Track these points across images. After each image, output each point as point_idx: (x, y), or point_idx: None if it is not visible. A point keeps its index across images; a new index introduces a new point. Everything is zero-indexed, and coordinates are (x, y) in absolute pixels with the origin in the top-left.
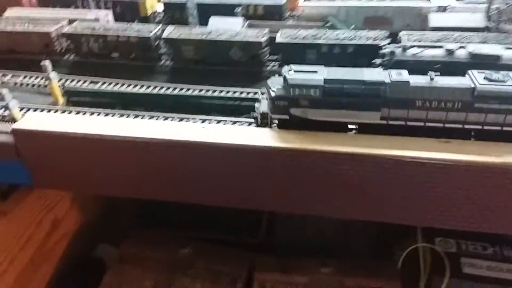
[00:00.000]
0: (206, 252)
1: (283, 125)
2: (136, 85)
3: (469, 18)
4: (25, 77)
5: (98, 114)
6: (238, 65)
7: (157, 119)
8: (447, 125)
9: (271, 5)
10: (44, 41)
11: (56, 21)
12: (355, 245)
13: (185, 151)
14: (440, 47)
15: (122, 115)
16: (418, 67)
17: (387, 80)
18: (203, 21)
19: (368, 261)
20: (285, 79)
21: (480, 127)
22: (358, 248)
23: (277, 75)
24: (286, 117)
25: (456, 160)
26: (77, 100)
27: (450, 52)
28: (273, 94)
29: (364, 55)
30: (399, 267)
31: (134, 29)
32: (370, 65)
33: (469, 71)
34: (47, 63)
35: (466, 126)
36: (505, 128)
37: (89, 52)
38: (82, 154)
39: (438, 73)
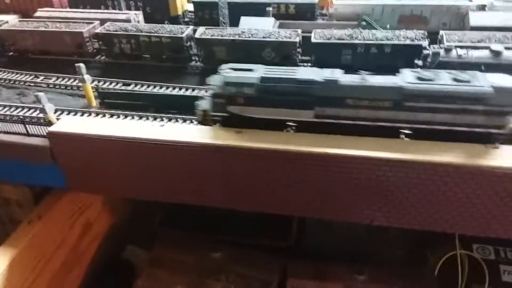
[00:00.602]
0: (237, 257)
1: (226, 123)
2: (168, 87)
3: (511, 17)
4: (57, 78)
5: (132, 117)
6: (270, 65)
7: (190, 122)
8: (379, 124)
9: (303, 3)
10: (77, 41)
11: (88, 21)
12: (389, 251)
13: (220, 155)
14: (485, 48)
15: (155, 118)
16: (463, 68)
17: (318, 79)
18: (234, 21)
19: (404, 268)
20: (222, 77)
21: (412, 125)
22: (392, 254)
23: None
24: (226, 114)
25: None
26: (110, 102)
27: (496, 53)
28: (211, 92)
29: (403, 56)
30: (436, 274)
31: (166, 30)
32: (409, 66)
33: (403, 70)
34: (81, 65)
35: (398, 125)
36: (437, 127)
37: (121, 53)
38: (117, 158)
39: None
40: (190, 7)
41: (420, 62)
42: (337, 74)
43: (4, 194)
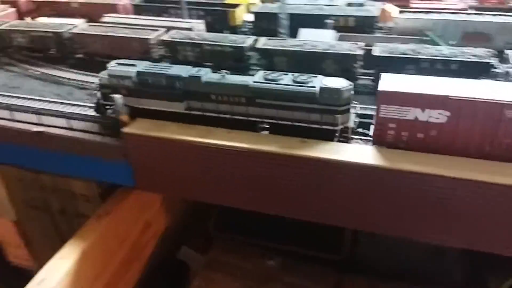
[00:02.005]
0: (291, 266)
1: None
2: None
3: None
4: None
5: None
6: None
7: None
8: (235, 117)
9: (363, 16)
10: (144, 47)
11: (153, 28)
12: (447, 271)
13: (283, 164)
14: None
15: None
16: None
17: (184, 75)
18: (292, 32)
19: None
20: (108, 70)
21: (264, 120)
22: (450, 276)
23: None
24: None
25: None
26: None
27: None
28: (99, 82)
29: (469, 73)
30: None
31: (229, 39)
32: None
33: (259, 70)
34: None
35: (252, 119)
36: (282, 122)
37: (184, 60)
38: (183, 159)
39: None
40: (249, 17)
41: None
42: (202, 72)
43: (73, 189)
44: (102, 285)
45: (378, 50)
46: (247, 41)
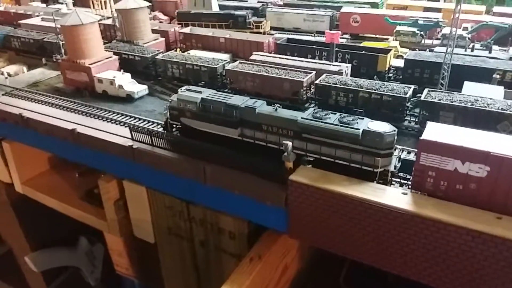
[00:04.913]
0: None
1: (181, 132)
2: None
3: None
4: None
5: None
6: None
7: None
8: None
9: None
10: (295, 88)
11: (303, 70)
12: None
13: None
14: None
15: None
16: None
17: (241, 105)
18: (450, 82)
19: None
20: (178, 95)
21: (307, 154)
22: None
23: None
24: (179, 124)
25: None
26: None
27: None
28: (169, 104)
29: None
30: None
31: (388, 88)
32: None
33: (309, 107)
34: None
35: (297, 152)
36: (324, 158)
37: (335, 105)
38: (343, 214)
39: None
40: (396, 62)
41: None
42: (257, 104)
43: (221, 224)
44: None
45: None
46: (408, 91)
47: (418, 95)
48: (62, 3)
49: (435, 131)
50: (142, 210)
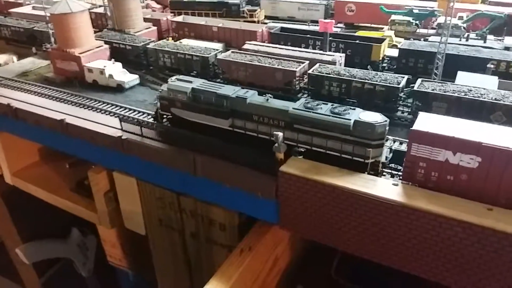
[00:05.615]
0: None
1: (171, 122)
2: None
3: None
4: None
5: None
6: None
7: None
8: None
9: None
10: (287, 78)
11: (296, 60)
12: None
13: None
14: None
15: None
16: None
17: (231, 95)
18: (444, 73)
19: None
20: (168, 84)
21: (303, 145)
22: None
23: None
24: (169, 114)
25: None
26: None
27: None
28: (159, 94)
29: None
30: None
31: (381, 78)
32: None
33: (301, 98)
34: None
35: (288, 142)
36: (316, 149)
37: (328, 95)
38: (333, 206)
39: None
40: (390, 52)
41: None
42: (248, 94)
43: (212, 216)
44: None
45: None
46: (401, 81)
47: (412, 85)
48: None
49: (426, 122)
50: (132, 201)
